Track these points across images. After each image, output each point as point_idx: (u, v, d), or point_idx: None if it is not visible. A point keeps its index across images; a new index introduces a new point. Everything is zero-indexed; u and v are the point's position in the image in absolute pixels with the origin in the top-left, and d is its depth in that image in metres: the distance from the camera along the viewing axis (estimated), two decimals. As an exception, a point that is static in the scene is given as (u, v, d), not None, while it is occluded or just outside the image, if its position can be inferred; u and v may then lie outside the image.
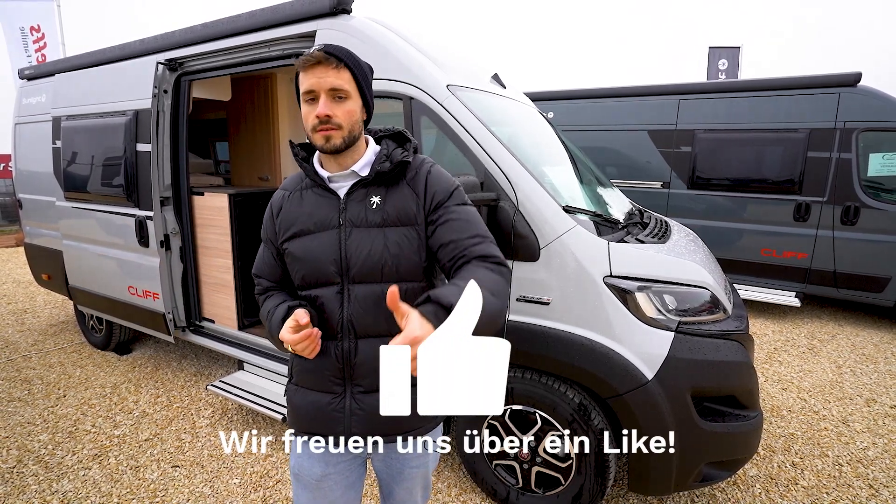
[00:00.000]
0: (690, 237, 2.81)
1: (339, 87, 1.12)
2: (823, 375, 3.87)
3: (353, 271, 1.18)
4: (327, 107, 1.11)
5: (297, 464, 1.33)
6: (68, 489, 2.51)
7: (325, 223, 1.20)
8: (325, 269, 1.20)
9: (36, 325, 5.06)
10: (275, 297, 1.30)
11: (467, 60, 2.78)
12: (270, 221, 1.29)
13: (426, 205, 1.20)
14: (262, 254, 1.34)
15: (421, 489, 1.44)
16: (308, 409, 1.28)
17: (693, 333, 1.97)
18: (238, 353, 3.25)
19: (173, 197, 3.35)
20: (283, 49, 2.73)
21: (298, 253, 1.22)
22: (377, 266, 1.17)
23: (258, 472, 2.63)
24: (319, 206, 1.22)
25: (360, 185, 1.21)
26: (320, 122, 1.12)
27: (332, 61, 1.11)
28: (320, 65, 1.10)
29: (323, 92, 1.11)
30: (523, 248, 2.05)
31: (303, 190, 1.26)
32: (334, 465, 1.31)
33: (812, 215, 5.00)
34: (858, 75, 4.83)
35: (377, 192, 1.20)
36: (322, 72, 1.11)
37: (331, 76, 1.11)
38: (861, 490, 2.52)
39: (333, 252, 1.19)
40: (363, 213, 1.19)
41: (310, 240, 1.21)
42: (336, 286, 1.20)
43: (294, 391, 1.32)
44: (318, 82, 1.11)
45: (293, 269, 1.26)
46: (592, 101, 6.21)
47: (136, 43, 3.42)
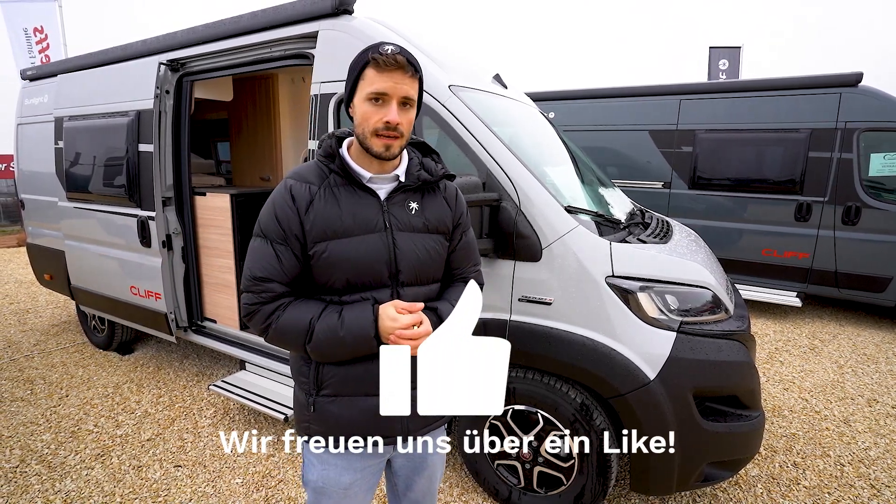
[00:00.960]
0: (692, 237, 2.81)
1: (410, 97, 1.12)
2: (825, 375, 3.87)
3: (403, 274, 1.20)
4: (398, 114, 1.10)
5: (323, 476, 1.28)
6: (71, 489, 2.52)
7: (369, 225, 1.17)
8: (377, 272, 1.17)
9: (38, 325, 5.07)
10: (303, 304, 1.17)
11: (468, 61, 2.78)
12: (295, 217, 1.15)
13: (455, 218, 1.30)
14: (273, 252, 1.15)
15: (439, 474, 1.48)
16: (359, 417, 1.22)
17: (695, 333, 1.97)
18: (240, 353, 3.25)
19: (175, 197, 3.36)
20: (285, 50, 2.74)
21: (342, 255, 1.15)
22: (424, 268, 1.23)
23: (260, 471, 2.64)
24: (360, 206, 1.17)
25: (399, 189, 1.22)
26: (387, 127, 1.10)
27: (410, 70, 1.10)
28: (400, 70, 1.09)
29: (396, 98, 1.10)
30: (525, 249, 2.06)
31: (333, 187, 1.18)
32: (361, 471, 1.30)
33: (813, 215, 5.00)
34: (860, 75, 4.83)
35: (414, 198, 1.23)
36: (400, 77, 1.09)
37: (406, 84, 1.10)
38: (863, 490, 2.52)
39: (384, 254, 1.17)
40: (406, 218, 1.21)
41: (357, 242, 1.16)
42: (387, 289, 1.19)
43: (329, 402, 1.22)
44: (394, 87, 1.09)
45: (331, 272, 1.16)
46: (593, 101, 6.21)
47: (139, 43, 3.43)
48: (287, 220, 1.15)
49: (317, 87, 2.52)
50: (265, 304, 1.16)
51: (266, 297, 1.16)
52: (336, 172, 1.19)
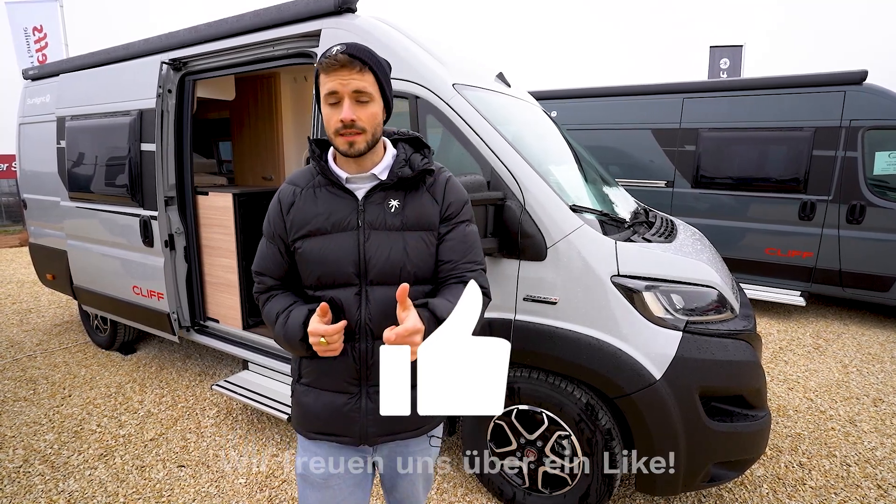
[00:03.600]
0: (696, 236, 2.80)
1: (362, 90, 1.11)
2: (829, 375, 3.85)
3: (372, 273, 1.19)
4: (351, 111, 1.10)
5: (304, 464, 1.33)
6: (74, 489, 2.52)
7: (342, 224, 1.19)
8: (344, 270, 1.19)
9: (40, 325, 5.07)
10: (281, 297, 1.26)
11: (472, 59, 2.77)
12: (279, 217, 1.24)
13: (442, 211, 1.25)
14: (266, 250, 1.28)
15: (423, 481, 1.46)
16: (322, 410, 1.26)
17: (701, 333, 1.96)
18: (243, 353, 3.24)
19: (177, 197, 3.35)
20: (288, 48, 2.73)
21: (314, 253, 1.20)
22: (396, 268, 1.19)
23: (263, 471, 2.63)
24: (336, 206, 1.20)
25: (378, 188, 1.21)
26: (344, 126, 1.11)
27: (357, 64, 1.09)
28: (344, 68, 1.09)
29: (346, 95, 1.10)
30: (530, 248, 2.05)
31: (315, 188, 1.23)
32: (342, 465, 1.32)
33: (817, 214, 4.97)
34: (864, 73, 4.80)
35: (395, 196, 1.22)
36: (346, 74, 1.09)
37: (355, 79, 1.10)
38: (870, 490, 2.50)
39: (352, 253, 1.18)
40: (382, 217, 1.20)
41: (327, 240, 1.19)
42: (354, 287, 1.20)
43: (304, 391, 1.29)
44: (341, 84, 1.09)
45: (306, 268, 1.23)
46: (596, 100, 6.19)
47: (141, 43, 3.42)
48: (274, 220, 1.26)
49: (319, 86, 2.51)
50: (261, 294, 1.30)
51: (261, 289, 1.30)
52: (321, 175, 1.24)
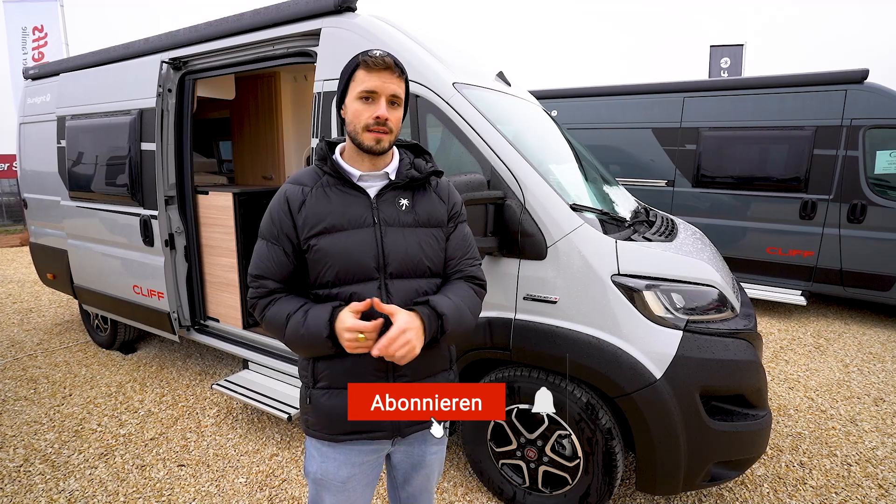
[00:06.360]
0: (697, 235, 2.79)
1: (397, 95, 1.22)
2: (830, 374, 3.85)
3: (392, 267, 1.23)
4: (387, 111, 1.19)
5: (322, 469, 1.31)
6: (75, 488, 2.52)
7: (358, 221, 1.23)
8: (365, 265, 1.21)
9: (41, 325, 5.07)
10: (288, 300, 1.24)
11: (472, 58, 2.77)
12: (286, 216, 1.23)
13: (449, 210, 1.34)
14: (267, 252, 1.25)
15: (436, 474, 1.50)
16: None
17: (701, 332, 1.95)
18: (243, 353, 3.24)
19: (178, 196, 3.35)
20: (288, 47, 2.73)
21: (334, 248, 1.21)
22: (414, 262, 1.25)
23: (264, 471, 2.63)
24: (349, 203, 1.24)
25: (389, 187, 1.27)
26: (377, 122, 1.19)
27: (397, 70, 1.21)
28: (387, 70, 1.19)
29: (384, 96, 1.19)
30: (530, 247, 2.04)
31: (325, 186, 1.25)
32: (359, 466, 1.33)
33: (818, 213, 4.96)
34: (865, 72, 4.79)
35: (404, 195, 1.29)
36: (388, 77, 1.19)
37: (394, 83, 1.20)
38: (870, 490, 2.50)
39: (371, 248, 1.22)
40: (395, 214, 1.26)
41: (345, 236, 1.21)
42: (375, 281, 1.23)
43: (324, 395, 1.26)
44: (382, 86, 1.19)
45: (323, 265, 1.21)
46: (596, 99, 6.19)
47: (141, 42, 3.42)
48: (280, 220, 1.24)
49: (319, 85, 2.51)
50: (260, 299, 1.26)
51: (261, 293, 1.26)
52: (329, 174, 1.26)
